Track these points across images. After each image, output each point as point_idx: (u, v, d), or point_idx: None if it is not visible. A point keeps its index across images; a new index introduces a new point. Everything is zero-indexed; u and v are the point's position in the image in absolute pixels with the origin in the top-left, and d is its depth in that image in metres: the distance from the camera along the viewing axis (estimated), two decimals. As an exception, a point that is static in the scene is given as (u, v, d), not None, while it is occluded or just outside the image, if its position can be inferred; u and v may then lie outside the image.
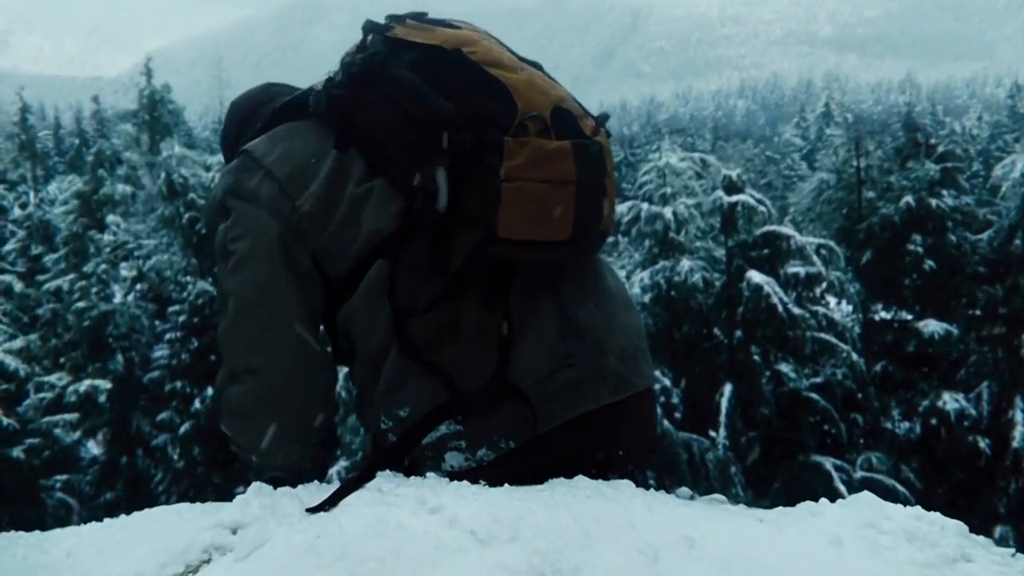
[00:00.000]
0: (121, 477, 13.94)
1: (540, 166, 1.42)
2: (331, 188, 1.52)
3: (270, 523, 1.31)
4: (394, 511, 1.27)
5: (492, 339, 1.48)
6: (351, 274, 1.52)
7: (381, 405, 1.51)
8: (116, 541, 1.49)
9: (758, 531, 1.34)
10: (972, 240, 13.74)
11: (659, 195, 12.85)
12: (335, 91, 1.56)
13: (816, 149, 41.78)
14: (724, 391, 11.47)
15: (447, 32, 1.56)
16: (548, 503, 1.29)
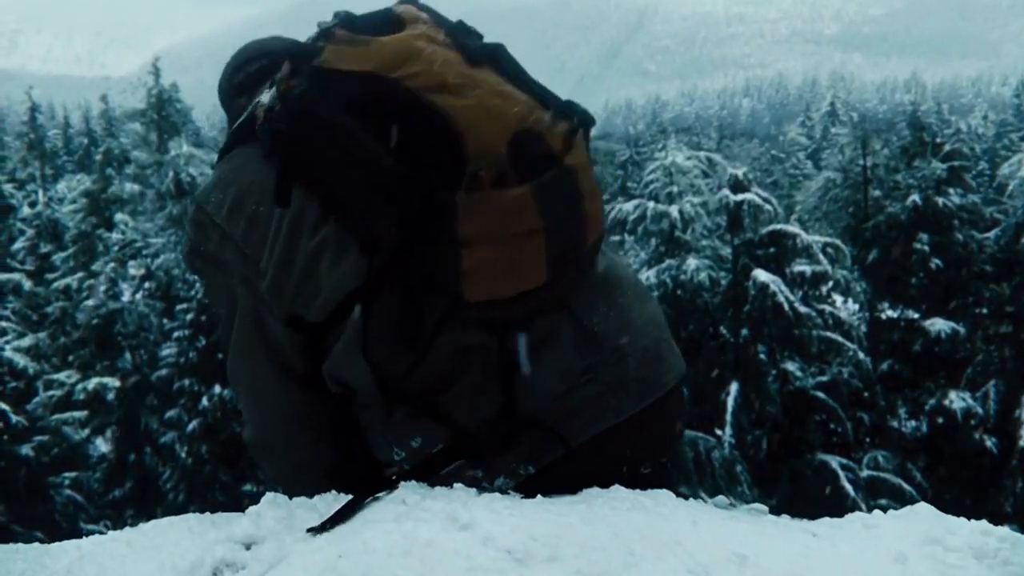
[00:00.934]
0: (129, 475, 14.01)
1: (500, 223, 1.30)
2: (286, 243, 1.42)
3: (286, 539, 1.24)
4: (422, 527, 1.18)
5: (493, 373, 1.39)
6: (329, 322, 1.42)
7: (392, 436, 1.43)
8: (120, 557, 1.41)
9: (812, 547, 1.26)
10: (979, 239, 13.73)
11: (665, 194, 12.87)
12: (276, 125, 1.41)
13: (821, 148, 41.70)
14: (730, 390, 11.49)
15: (384, 46, 1.36)
16: (587, 518, 1.21)
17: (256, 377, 1.51)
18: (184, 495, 13.56)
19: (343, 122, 1.34)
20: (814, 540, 1.30)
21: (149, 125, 18.16)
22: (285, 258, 1.42)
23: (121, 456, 14.15)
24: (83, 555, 1.45)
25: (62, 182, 26.63)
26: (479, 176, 1.29)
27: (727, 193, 12.14)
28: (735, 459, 11.25)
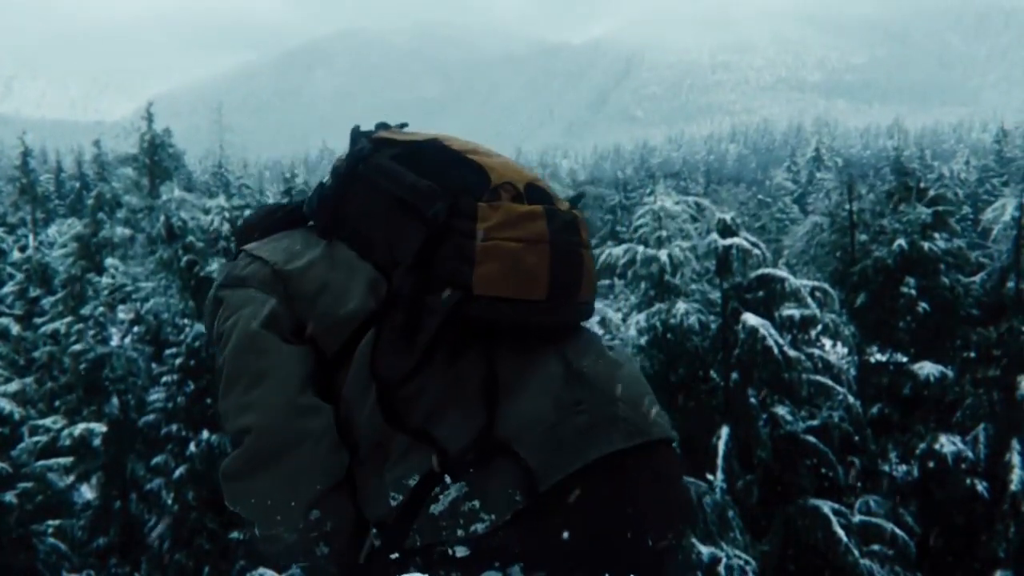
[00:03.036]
0: (114, 522, 13.81)
1: (512, 226, 1.48)
2: (314, 269, 1.59)
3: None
4: None
5: (476, 396, 1.47)
6: (343, 352, 1.53)
7: (392, 481, 1.47)
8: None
9: None
10: (965, 283, 13.85)
11: (654, 238, 12.97)
12: (324, 192, 1.68)
13: (807, 192, 42.18)
14: (721, 434, 11.46)
15: (423, 133, 1.68)
16: None
17: (261, 373, 1.50)
18: (169, 543, 13.36)
19: (388, 163, 1.61)
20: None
21: (141, 170, 18.25)
22: (315, 278, 1.59)
23: (106, 503, 13.97)
24: None
25: (53, 226, 26.64)
26: (499, 192, 1.53)
27: (715, 237, 12.24)
28: (727, 504, 11.19)
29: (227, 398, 1.53)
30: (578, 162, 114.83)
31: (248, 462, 1.49)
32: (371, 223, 1.60)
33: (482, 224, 1.48)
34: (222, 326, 1.59)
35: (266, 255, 1.63)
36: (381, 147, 1.65)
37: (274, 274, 1.59)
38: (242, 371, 1.52)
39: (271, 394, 1.49)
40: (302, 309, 1.56)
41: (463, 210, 1.49)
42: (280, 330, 1.55)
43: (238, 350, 1.53)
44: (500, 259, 1.46)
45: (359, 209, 1.61)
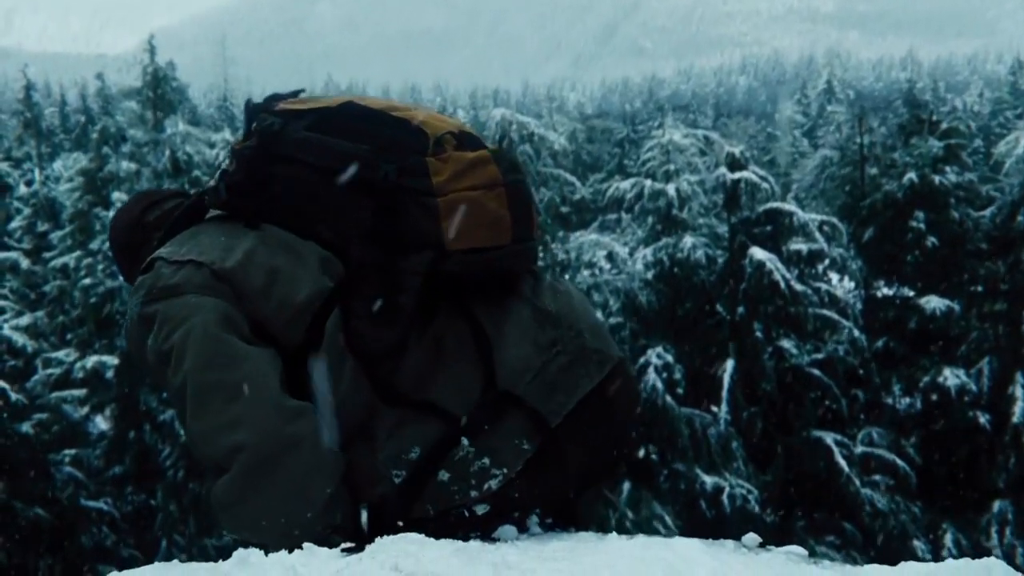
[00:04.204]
0: (129, 451, 14.07)
1: (466, 175, 1.46)
2: (256, 260, 1.48)
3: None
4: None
5: (470, 353, 1.47)
6: (308, 338, 1.45)
7: (387, 458, 1.43)
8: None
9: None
10: (974, 217, 13.77)
11: (662, 172, 12.89)
12: (232, 179, 1.55)
13: (817, 126, 41.67)
14: (726, 367, 11.55)
15: (328, 98, 1.59)
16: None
17: (239, 385, 1.38)
18: (184, 472, 13.64)
19: (309, 135, 1.51)
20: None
21: (145, 103, 18.08)
22: (257, 270, 1.48)
23: (121, 434, 14.21)
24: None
25: (59, 160, 26.54)
26: (442, 142, 1.49)
27: (724, 171, 12.16)
28: (731, 436, 11.35)
29: (201, 418, 1.40)
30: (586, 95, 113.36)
31: (248, 483, 1.36)
32: (306, 200, 1.50)
33: (436, 178, 1.44)
34: (164, 343, 1.44)
35: (195, 256, 1.49)
36: (290, 120, 1.53)
37: (213, 275, 1.46)
38: (213, 386, 1.39)
39: (254, 405, 1.37)
40: (255, 305, 1.46)
41: (412, 168, 1.45)
42: (240, 333, 1.43)
43: (203, 364, 1.40)
44: (464, 210, 1.44)
45: (287, 188, 1.51)
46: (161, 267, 1.51)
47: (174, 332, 1.43)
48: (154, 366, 1.48)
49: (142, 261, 1.65)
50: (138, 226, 1.77)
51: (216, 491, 1.39)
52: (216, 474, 1.40)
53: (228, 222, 1.57)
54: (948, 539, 11.40)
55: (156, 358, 1.46)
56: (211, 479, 1.42)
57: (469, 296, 1.51)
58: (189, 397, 1.41)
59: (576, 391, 1.48)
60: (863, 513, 11.13)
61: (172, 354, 1.42)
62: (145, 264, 1.56)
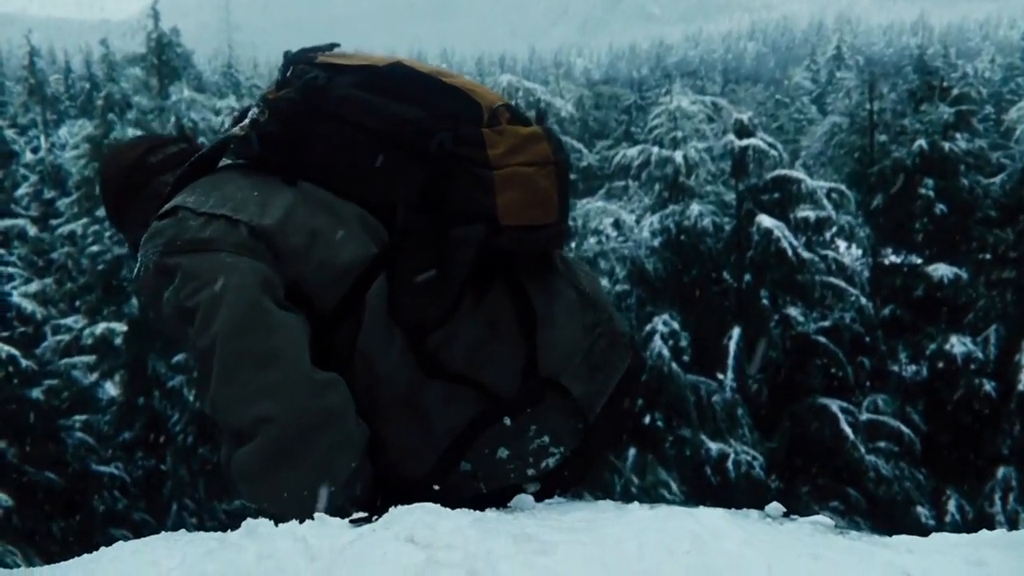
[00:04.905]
0: (139, 417, 14.19)
1: (521, 150, 1.43)
2: (295, 219, 1.42)
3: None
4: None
5: (515, 332, 1.45)
6: (345, 304, 1.41)
7: (440, 429, 1.42)
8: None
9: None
10: (984, 184, 13.69)
11: (670, 139, 12.81)
12: (270, 131, 1.49)
13: (826, 92, 41.27)
14: (732, 334, 11.58)
15: (374, 55, 1.55)
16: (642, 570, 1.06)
17: (273, 353, 1.34)
18: (193, 438, 13.77)
19: (358, 93, 1.45)
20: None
21: (149, 70, 17.99)
22: (294, 229, 1.42)
23: (130, 399, 14.32)
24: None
25: (64, 127, 26.46)
26: (497, 114, 1.44)
27: (732, 138, 12.09)
28: (736, 403, 11.40)
29: (229, 384, 1.35)
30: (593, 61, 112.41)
31: (274, 455, 1.33)
32: (350, 161, 1.45)
33: (492, 151, 1.41)
34: (189, 300, 1.38)
35: (228, 212, 1.42)
36: (334, 75, 1.47)
37: (251, 233, 1.40)
38: (245, 353, 1.34)
39: (288, 375, 1.33)
40: (292, 266, 1.41)
41: (468, 139, 1.41)
42: (275, 297, 1.38)
43: (236, 329, 1.34)
44: (519, 186, 1.42)
45: (330, 146, 1.45)
46: (187, 217, 1.43)
47: (201, 290, 1.37)
48: (170, 319, 1.43)
49: (141, 204, 1.62)
50: (139, 168, 1.69)
51: (239, 460, 1.35)
52: (236, 442, 1.36)
53: (255, 174, 1.50)
54: (951, 505, 11.48)
55: (175, 312, 1.41)
56: (229, 446, 1.38)
57: (521, 273, 1.48)
58: (217, 361, 1.35)
59: (615, 373, 1.51)
60: (867, 479, 11.20)
61: (198, 312, 1.37)
62: (165, 211, 1.48)
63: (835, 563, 1.09)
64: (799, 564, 1.06)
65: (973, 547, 1.14)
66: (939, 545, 1.19)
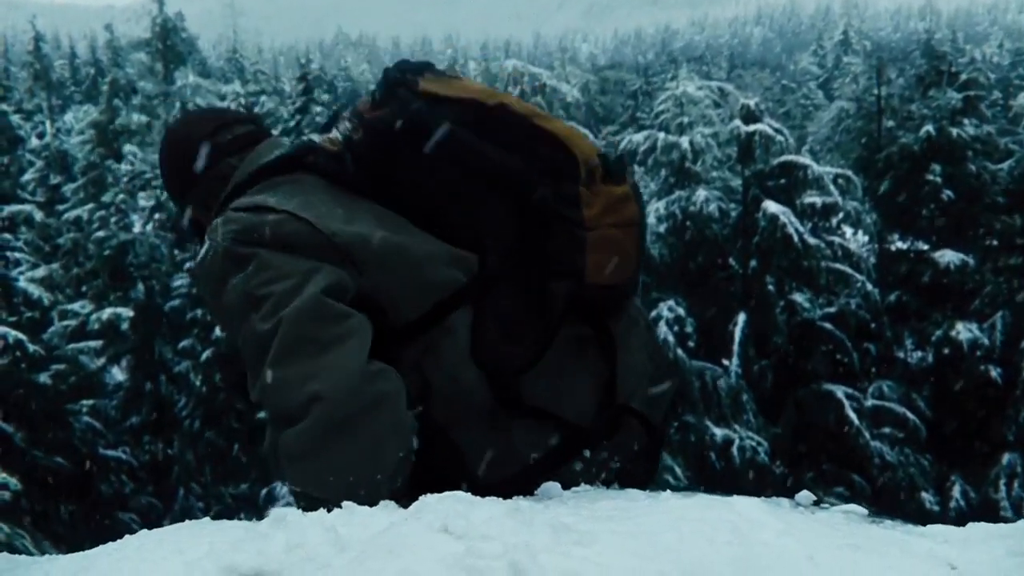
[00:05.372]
0: (146, 402, 14.25)
1: (612, 212, 1.49)
2: (377, 233, 1.44)
3: (304, 570, 1.01)
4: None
5: (594, 361, 1.53)
6: (421, 323, 1.44)
7: (523, 448, 1.46)
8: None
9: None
10: (992, 170, 13.62)
11: (676, 124, 12.77)
12: (362, 152, 1.51)
13: (833, 77, 41.08)
14: (738, 320, 11.57)
15: (473, 83, 1.58)
16: (688, 559, 1.02)
17: (332, 340, 1.36)
18: (200, 423, 13.83)
19: (462, 133, 1.48)
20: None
21: (154, 55, 17.99)
22: (375, 242, 1.44)
23: (137, 384, 14.38)
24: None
25: (69, 112, 26.47)
26: (593, 172, 1.49)
27: (738, 124, 12.04)
28: (741, 388, 11.40)
29: (284, 366, 1.35)
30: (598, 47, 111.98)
31: (321, 435, 1.32)
32: (446, 199, 1.49)
33: (587, 211, 1.46)
34: (261, 288, 1.39)
35: (311, 218, 1.43)
36: (435, 106, 1.49)
37: (332, 242, 1.42)
38: (308, 337, 1.35)
39: (344, 358, 1.34)
40: (372, 278, 1.43)
41: (566, 196, 1.46)
42: (342, 293, 1.40)
43: (305, 314, 1.35)
44: (608, 248, 1.48)
45: (426, 181, 1.49)
46: (267, 213, 1.44)
47: (276, 281, 1.38)
48: (233, 304, 1.43)
49: (205, 183, 1.63)
50: (208, 145, 1.66)
51: (286, 440, 1.34)
52: (284, 424, 1.36)
53: (336, 188, 1.52)
54: (956, 491, 11.49)
55: (241, 298, 1.41)
56: (276, 429, 1.38)
57: (602, 312, 1.57)
58: (278, 342, 1.35)
59: (668, 394, 1.62)
60: (872, 465, 11.21)
61: (268, 300, 1.38)
62: (245, 204, 1.49)
63: (876, 553, 1.06)
64: (840, 554, 1.03)
65: (1014, 538, 1.11)
66: (978, 535, 1.15)
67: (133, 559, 1.11)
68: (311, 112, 19.50)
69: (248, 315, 1.40)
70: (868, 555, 1.05)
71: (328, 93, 33.33)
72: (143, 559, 1.10)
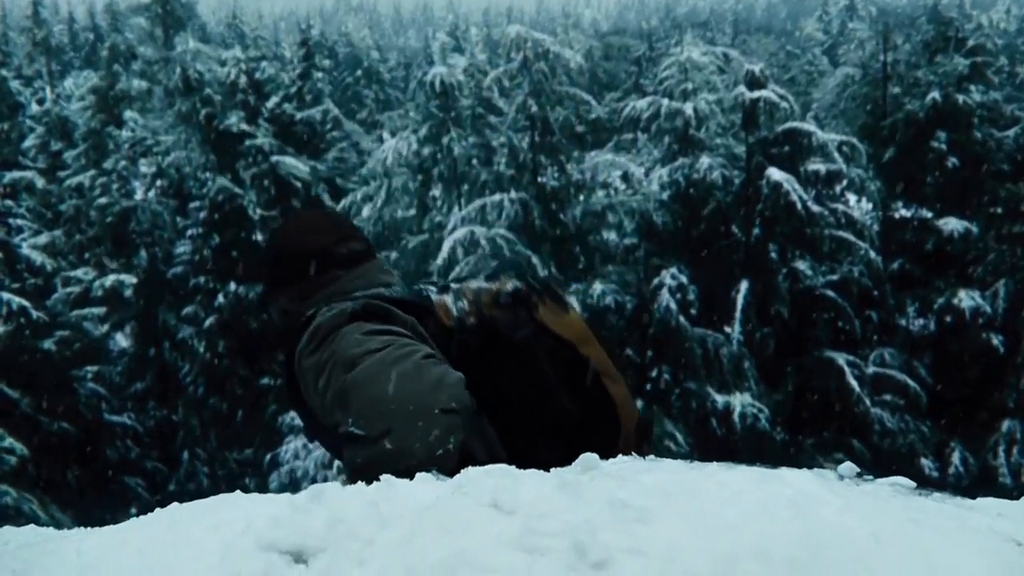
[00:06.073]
0: (150, 368, 14.32)
1: (633, 437, 1.77)
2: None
3: (348, 548, 0.97)
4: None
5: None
6: None
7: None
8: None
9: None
10: (998, 137, 13.54)
11: (680, 91, 12.67)
12: (468, 339, 1.68)
13: (838, 43, 40.70)
14: (740, 288, 11.57)
15: (574, 324, 1.79)
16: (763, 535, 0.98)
17: (432, 367, 1.51)
18: (204, 389, 13.91)
19: (549, 372, 1.70)
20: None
21: (154, 19, 17.82)
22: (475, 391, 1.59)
23: (141, 351, 14.44)
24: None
25: (69, 78, 26.29)
26: (629, 445, 1.70)
27: (743, 90, 11.95)
28: (743, 355, 11.43)
29: (376, 389, 1.47)
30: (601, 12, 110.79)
31: (394, 403, 1.46)
32: (515, 401, 1.67)
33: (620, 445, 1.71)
34: (375, 341, 1.54)
35: (411, 326, 1.64)
36: (540, 336, 1.71)
37: (423, 339, 1.63)
38: (403, 360, 1.51)
39: (409, 361, 1.51)
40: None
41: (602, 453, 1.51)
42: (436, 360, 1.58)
43: (404, 351, 1.52)
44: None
45: (504, 378, 1.67)
46: (378, 306, 1.63)
47: (374, 338, 1.55)
48: (346, 349, 1.54)
49: (307, 283, 1.77)
50: (326, 256, 1.80)
51: (373, 453, 1.44)
52: (371, 444, 1.45)
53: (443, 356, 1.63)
54: (955, 458, 11.56)
55: (355, 343, 1.54)
56: (357, 452, 1.47)
57: None
58: (377, 361, 1.50)
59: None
60: (872, 432, 11.27)
61: (364, 358, 1.51)
62: (372, 294, 1.69)
63: (938, 529, 1.02)
64: (903, 531, 1.00)
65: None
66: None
67: (167, 536, 1.07)
68: (312, 78, 19.36)
69: (354, 362, 1.52)
70: (930, 531, 1.01)
71: (329, 59, 33.09)
72: (178, 536, 1.06)
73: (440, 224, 13.33)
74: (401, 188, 14.15)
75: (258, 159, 14.81)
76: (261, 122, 15.82)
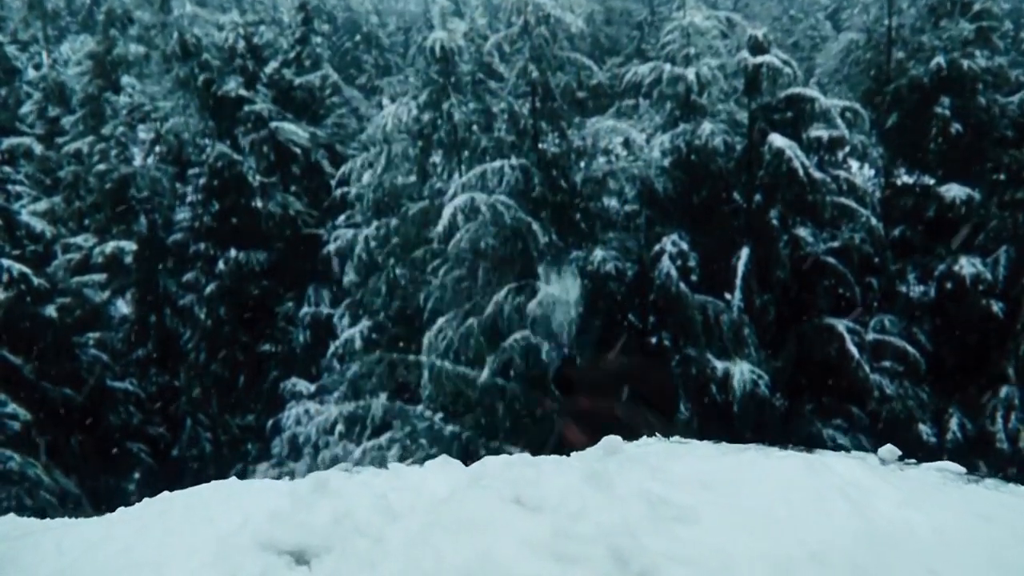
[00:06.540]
0: (151, 335, 14.35)
1: None
2: None
3: (356, 546, 0.85)
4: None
5: None
6: None
7: None
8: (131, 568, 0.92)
9: None
10: (1002, 102, 13.42)
11: (682, 56, 12.54)
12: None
13: (842, 8, 40.17)
14: (741, 254, 11.55)
15: None
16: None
17: None
18: (205, 355, 13.94)
19: None
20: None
21: (150, -18, 17.62)
22: None
23: (142, 317, 14.46)
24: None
25: (65, 43, 26.04)
26: None
27: (746, 55, 11.84)
28: (743, 322, 11.43)
29: None
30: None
31: None
32: None
33: None
34: None
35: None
36: None
37: None
38: None
39: None
40: None
41: None
42: None
43: None
44: None
45: None
46: None
47: None
48: None
49: None
50: None
51: None
52: None
53: None
54: (953, 423, 11.61)
55: None
56: None
57: None
58: None
59: None
60: (871, 398, 11.31)
61: None
62: None
63: (1010, 527, 0.90)
64: (969, 527, 0.89)
65: None
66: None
67: (156, 529, 0.94)
68: (311, 43, 19.16)
69: None
70: (1001, 530, 0.90)
71: (328, 23, 32.73)
72: (168, 530, 0.94)
73: (440, 190, 13.27)
74: (401, 154, 14.05)
75: (257, 125, 14.72)
76: (260, 87, 15.69)
